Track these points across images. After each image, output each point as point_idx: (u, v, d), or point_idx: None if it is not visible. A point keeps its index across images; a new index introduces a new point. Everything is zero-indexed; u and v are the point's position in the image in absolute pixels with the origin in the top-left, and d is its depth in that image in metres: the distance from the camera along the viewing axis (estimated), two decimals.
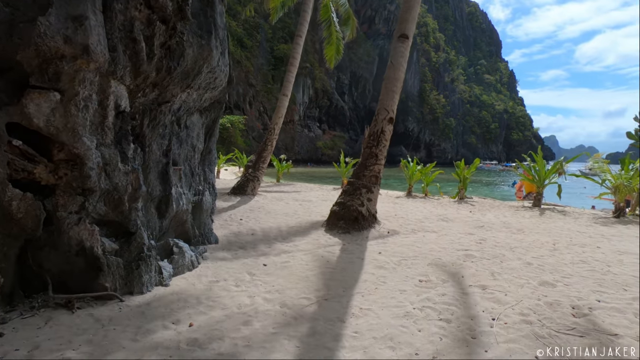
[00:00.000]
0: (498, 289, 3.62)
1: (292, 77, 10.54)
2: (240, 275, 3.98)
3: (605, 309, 3.18)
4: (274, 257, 4.65)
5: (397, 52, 6.42)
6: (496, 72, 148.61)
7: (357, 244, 5.31)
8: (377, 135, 6.34)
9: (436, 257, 4.65)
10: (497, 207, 9.57)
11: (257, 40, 66.00)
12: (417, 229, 6.34)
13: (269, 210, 7.86)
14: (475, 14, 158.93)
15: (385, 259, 4.58)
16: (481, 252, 4.82)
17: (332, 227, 6.00)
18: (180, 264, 3.87)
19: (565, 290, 3.57)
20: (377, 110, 6.49)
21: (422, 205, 9.65)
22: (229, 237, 5.58)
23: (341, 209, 6.09)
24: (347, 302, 3.33)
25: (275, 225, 6.48)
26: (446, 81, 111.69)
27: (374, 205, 6.37)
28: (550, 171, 9.64)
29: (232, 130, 54.37)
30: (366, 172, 6.27)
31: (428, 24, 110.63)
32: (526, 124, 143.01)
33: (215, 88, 4.89)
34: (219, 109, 5.59)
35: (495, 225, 6.75)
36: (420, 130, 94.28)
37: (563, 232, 6.31)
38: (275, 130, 10.24)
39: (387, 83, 6.47)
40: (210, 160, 5.68)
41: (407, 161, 12.83)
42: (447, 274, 4.07)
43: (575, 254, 4.83)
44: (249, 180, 9.95)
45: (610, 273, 4.06)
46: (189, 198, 4.54)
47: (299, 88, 69.38)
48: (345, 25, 13.88)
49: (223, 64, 4.75)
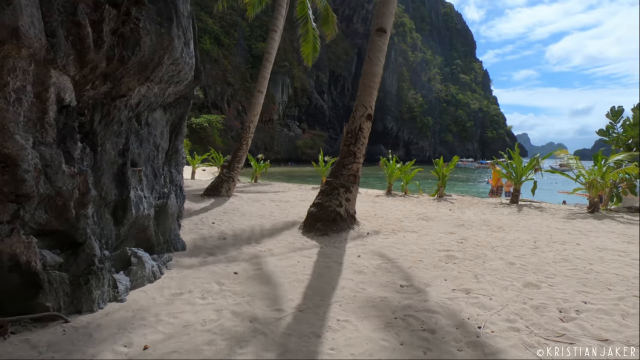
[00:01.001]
0: (482, 292, 3.45)
1: (267, 73, 10.17)
2: (207, 285, 3.64)
3: (592, 311, 3.05)
4: (246, 263, 4.32)
5: (375, 46, 6.20)
6: (471, 72, 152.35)
7: (335, 246, 5.05)
8: (355, 132, 6.11)
9: (417, 259, 4.45)
10: (476, 204, 9.57)
11: (235, 38, 64.87)
12: (397, 229, 6.15)
13: (244, 212, 7.49)
14: (451, 14, 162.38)
15: (364, 262, 4.34)
16: (463, 253, 4.66)
17: (309, 229, 5.72)
18: (139, 276, 3.49)
19: (550, 292, 3.43)
20: (354, 106, 6.25)
21: (402, 204, 9.52)
22: (199, 242, 5.21)
23: (318, 210, 5.82)
24: (324, 313, 3.06)
25: (249, 228, 6.13)
26: (423, 80, 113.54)
27: (353, 205, 6.13)
28: (526, 168, 9.72)
29: (210, 129, 53.20)
30: (344, 171, 6.03)
31: (405, 24, 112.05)
32: (500, 122, 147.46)
33: (179, 82, 4.51)
34: (185, 105, 5.20)
35: (475, 224, 6.65)
36: (398, 128, 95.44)
37: (542, 229, 6.27)
38: (250, 129, 9.84)
39: (364, 78, 6.24)
40: (177, 160, 5.29)
41: (387, 159, 12.72)
42: (429, 277, 3.87)
43: (556, 251, 4.74)
44: (224, 181, 9.52)
45: (593, 271, 3.97)
46: (151, 202, 4.14)
47: (278, 87, 68.77)
48: (325, 23, 13.60)
49: (188, 55, 4.37)
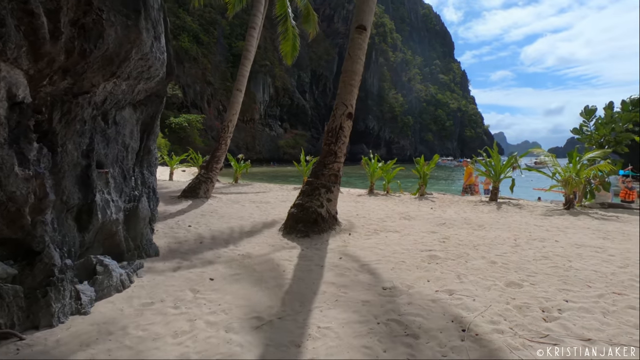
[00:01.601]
0: (465, 293, 3.38)
1: (247, 72, 9.92)
2: (181, 293, 3.43)
3: (574, 309, 3.03)
4: (223, 268, 4.13)
5: (355, 43, 6.10)
6: (450, 72, 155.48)
7: (317, 248, 4.91)
8: (336, 131, 5.99)
9: (400, 259, 4.37)
10: (457, 202, 9.64)
11: (214, 36, 63.83)
12: (380, 229, 6.08)
13: (222, 214, 7.25)
14: (430, 15, 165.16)
15: (346, 264, 4.22)
16: (445, 252, 4.61)
17: (290, 231, 5.56)
18: (105, 286, 3.25)
19: (532, 291, 3.40)
20: (335, 105, 6.13)
21: (384, 203, 9.48)
22: (174, 246, 4.96)
23: (299, 210, 5.67)
24: (304, 320, 2.92)
25: (227, 231, 5.92)
26: (404, 80, 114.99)
27: (334, 205, 6.01)
28: (505, 166, 9.87)
29: (190, 129, 52.11)
30: (325, 170, 5.90)
31: (386, 24, 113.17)
32: (478, 121, 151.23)
33: (150, 78, 4.26)
34: (157, 103, 4.95)
35: (456, 222, 6.66)
36: (380, 128, 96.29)
37: (521, 226, 6.34)
38: (229, 128, 9.57)
39: (345, 76, 6.13)
40: (150, 161, 5.03)
41: (369, 158, 12.69)
42: (413, 278, 3.79)
43: (536, 249, 4.77)
44: (202, 182, 9.22)
45: (572, 269, 3.99)
46: (119, 206, 3.89)
47: (259, 86, 68.13)
48: (306, 21, 13.47)
49: (158, 50, 4.14)
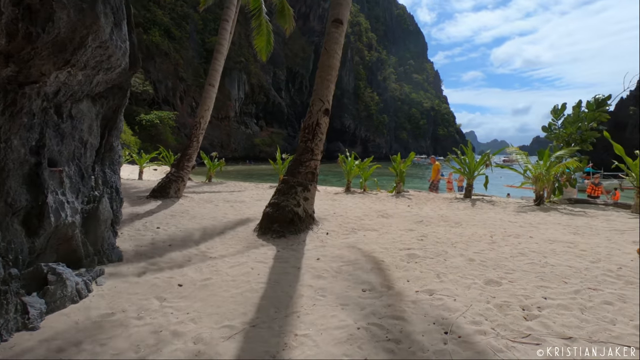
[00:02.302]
0: (446, 293, 3.31)
1: (219, 66, 9.56)
2: (146, 302, 3.16)
3: (553, 306, 3.02)
4: (193, 273, 3.87)
5: (332, 38, 5.95)
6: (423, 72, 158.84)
7: (293, 249, 4.73)
8: (313, 128, 5.82)
9: (379, 259, 4.27)
10: (432, 199, 9.71)
11: (187, 31, 62.04)
12: (357, 228, 5.97)
13: (194, 215, 6.92)
14: (404, 16, 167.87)
15: (324, 266, 4.07)
16: (424, 251, 4.55)
17: (265, 232, 5.35)
18: (58, 297, 2.93)
19: (511, 289, 3.37)
20: (311, 101, 5.96)
21: (361, 201, 9.41)
22: (140, 250, 4.64)
23: (275, 210, 5.46)
24: (280, 327, 2.73)
25: (199, 232, 5.62)
26: (379, 79, 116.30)
27: (311, 204, 5.84)
28: (478, 163, 10.04)
29: (162, 127, 50.39)
30: (301, 168, 5.71)
31: (361, 24, 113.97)
32: (450, 120, 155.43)
33: (110, 69, 3.93)
34: (120, 96, 4.59)
35: (433, 220, 6.66)
36: (356, 126, 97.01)
37: (496, 222, 6.41)
38: (201, 125, 9.18)
39: (321, 71, 5.96)
40: (113, 158, 4.67)
41: (345, 156, 12.62)
42: (392, 279, 3.68)
43: (512, 245, 4.80)
44: (172, 181, 8.79)
45: (548, 265, 4.01)
46: (76, 207, 3.55)
47: (234, 83, 66.92)
48: (282, 16, 13.18)
49: (119, 38, 3.82)
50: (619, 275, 3.67)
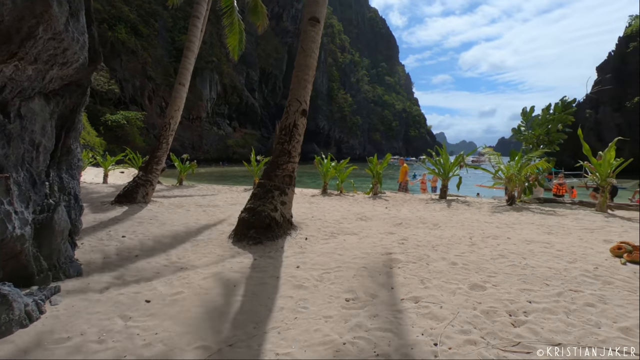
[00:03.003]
0: (431, 300, 3.20)
1: (190, 64, 9.14)
2: (108, 322, 2.84)
3: (538, 311, 2.97)
4: (162, 287, 3.56)
5: (308, 36, 5.77)
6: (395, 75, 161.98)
7: (271, 257, 4.50)
8: (290, 129, 5.61)
9: (361, 265, 4.12)
10: (409, 200, 9.74)
11: (155, 28, 59.95)
12: (337, 232, 5.81)
13: (164, 221, 6.51)
14: (376, 19, 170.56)
15: (304, 274, 3.87)
16: (406, 255, 4.45)
17: (241, 238, 5.08)
18: (3, 321, 2.56)
19: (495, 293, 3.32)
20: (288, 101, 5.75)
21: (339, 204, 9.29)
22: (102, 263, 4.25)
23: (251, 215, 5.20)
24: (260, 345, 2.51)
25: (169, 240, 5.27)
26: (352, 81, 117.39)
27: (289, 208, 5.63)
28: (453, 164, 10.18)
29: (129, 128, 48.32)
30: (278, 171, 5.49)
31: (334, 26, 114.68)
32: (421, 122, 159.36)
33: (67, 64, 3.56)
34: (79, 95, 4.20)
35: (412, 222, 6.62)
36: (330, 127, 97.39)
37: (473, 224, 6.45)
38: (171, 126, 8.72)
39: (298, 71, 5.77)
40: (71, 162, 4.26)
41: (321, 158, 12.48)
42: (376, 286, 3.54)
43: (491, 247, 4.80)
44: (140, 185, 8.27)
45: (529, 266, 4.01)
46: (26, 218, 3.16)
47: (206, 83, 65.39)
48: (254, 13, 12.90)
49: (77, 30, 3.46)
50: (597, 276, 3.71)
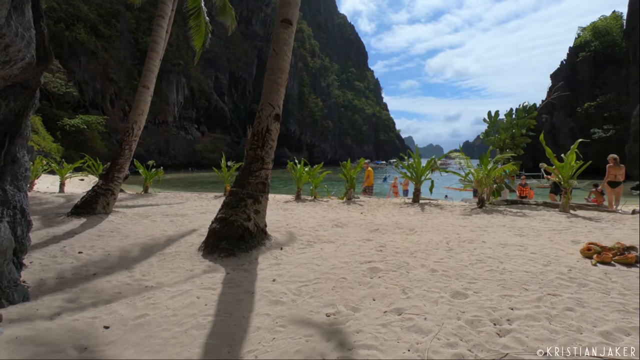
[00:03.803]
0: (415, 311, 3.09)
1: (154, 66, 8.67)
2: (59, 354, 2.50)
3: (521, 318, 2.94)
4: (124, 309, 3.22)
5: (280, 38, 5.59)
6: (364, 80, 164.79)
7: (245, 270, 4.25)
8: (262, 134, 5.38)
9: (340, 276, 3.96)
10: (383, 205, 9.74)
11: (117, 29, 57.49)
12: (313, 240, 5.63)
13: (127, 234, 6.06)
14: (344, 25, 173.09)
15: (281, 288, 3.66)
16: (385, 263, 4.34)
17: (212, 250, 4.78)
18: None
19: (478, 301, 3.26)
20: (260, 105, 5.52)
21: (313, 210, 9.12)
22: (54, 284, 3.83)
23: (222, 226, 4.91)
24: None
25: (132, 255, 4.87)
26: (322, 86, 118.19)
27: (263, 217, 5.39)
28: (425, 168, 10.31)
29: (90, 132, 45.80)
30: (251, 178, 5.24)
31: (304, 30, 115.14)
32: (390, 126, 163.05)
33: (10, 62, 3.17)
34: (26, 97, 3.77)
35: (388, 227, 6.56)
36: (301, 132, 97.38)
37: (448, 228, 6.49)
38: (134, 131, 8.19)
39: (270, 74, 5.56)
40: (16, 173, 3.81)
41: (294, 163, 12.28)
42: (357, 298, 3.39)
43: (468, 252, 4.80)
44: (100, 195, 7.68)
45: (507, 271, 4.02)
46: None
47: (172, 87, 63.46)
48: (223, 13, 12.59)
49: (21, 25, 3.09)
50: (571, 278, 3.76)
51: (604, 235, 5.82)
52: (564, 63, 63.94)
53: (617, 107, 53.27)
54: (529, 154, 29.18)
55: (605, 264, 4.19)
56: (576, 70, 59.54)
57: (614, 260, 4.22)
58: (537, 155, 26.14)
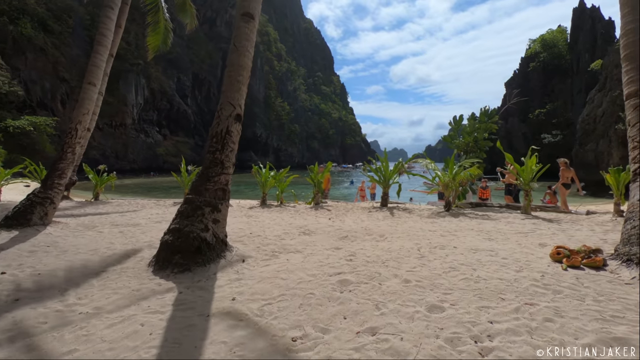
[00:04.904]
0: (390, 329, 2.80)
1: (101, 61, 7.89)
2: None
3: (502, 333, 2.73)
4: (48, 344, 2.67)
5: (241, 33, 5.18)
6: (331, 84, 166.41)
7: (201, 287, 3.78)
8: (222, 136, 4.93)
9: (308, 291, 3.61)
10: (351, 209, 9.53)
11: (69, 25, 53.94)
12: (279, 250, 5.24)
13: (65, 248, 5.33)
14: (311, 30, 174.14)
15: (242, 308, 3.24)
16: (356, 274, 4.05)
17: (163, 266, 4.25)
18: None
19: (455, 314, 3.04)
20: (219, 105, 5.08)
21: (279, 216, 8.71)
22: None
23: (176, 237, 4.40)
24: None
25: (69, 274, 4.23)
26: (289, 89, 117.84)
27: (223, 227, 4.92)
28: (393, 171, 10.23)
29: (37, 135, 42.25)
30: (209, 184, 4.77)
31: (270, 34, 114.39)
32: (357, 130, 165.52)
33: None
34: None
35: (357, 234, 6.30)
36: (268, 135, 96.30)
37: (418, 233, 6.34)
38: (77, 132, 7.34)
39: (230, 71, 5.14)
40: None
41: (259, 167, 11.81)
42: (326, 317, 3.05)
43: (441, 259, 4.62)
44: (36, 204, 6.79)
45: (481, 279, 3.86)
46: None
47: (131, 87, 60.44)
48: (183, 11, 11.93)
49: None
50: (545, 285, 3.66)
51: (567, 237, 5.91)
52: (517, 72, 68.01)
53: (564, 114, 57.37)
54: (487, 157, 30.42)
55: (575, 268, 4.16)
56: (528, 79, 63.49)
57: (582, 264, 4.20)
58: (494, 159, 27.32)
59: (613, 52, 33.74)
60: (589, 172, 32.58)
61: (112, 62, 11.67)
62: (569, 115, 56.24)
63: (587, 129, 35.35)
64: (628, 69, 4.97)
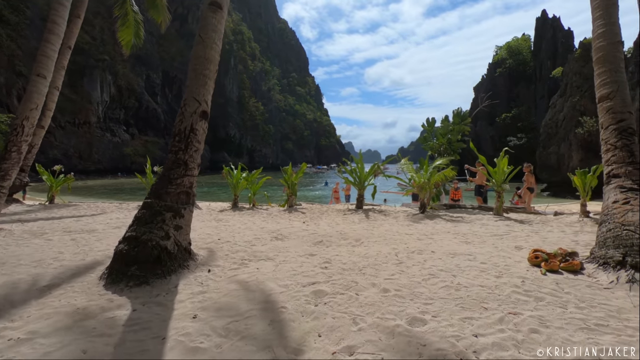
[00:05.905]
0: (369, 348, 2.54)
1: (53, 51, 7.19)
2: None
3: (488, 347, 2.54)
4: None
5: (208, 23, 4.79)
6: (305, 85, 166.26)
7: (159, 303, 3.37)
8: (186, 135, 4.52)
9: (280, 304, 3.29)
10: (326, 212, 9.27)
11: (27, 16, 50.65)
12: (249, 258, 4.88)
13: (4, 260, 4.70)
14: (285, 30, 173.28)
15: (204, 327, 2.88)
16: (332, 284, 3.77)
17: (117, 279, 3.79)
18: None
19: (438, 328, 2.82)
20: (183, 100, 4.66)
21: (251, 219, 8.32)
22: None
23: (132, 246, 3.95)
24: None
25: (2, 290, 3.68)
26: (263, 90, 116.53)
27: (187, 233, 4.51)
28: (368, 173, 10.07)
29: None
30: (171, 187, 4.34)
31: (244, 33, 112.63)
32: (331, 132, 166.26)
33: None
34: None
35: (333, 238, 6.04)
36: (241, 136, 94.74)
37: (395, 237, 6.16)
38: (24, 129, 6.61)
39: (196, 64, 4.73)
40: None
41: (230, 168, 11.33)
42: (299, 335, 2.75)
43: (419, 264, 4.43)
44: None
45: (462, 286, 3.68)
46: None
47: (96, 84, 57.59)
48: (153, 7, 11.25)
49: None
50: (527, 292, 3.53)
51: (541, 239, 5.91)
52: (485, 77, 70.58)
53: (528, 118, 60.01)
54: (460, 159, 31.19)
55: (554, 272, 4.09)
56: (495, 84, 65.96)
57: (561, 268, 4.13)
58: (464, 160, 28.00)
59: (572, 61, 35.54)
60: (551, 174, 34.12)
61: (69, 55, 10.85)
62: (532, 119, 58.90)
63: (550, 132, 37.05)
64: (600, 72, 5.00)
